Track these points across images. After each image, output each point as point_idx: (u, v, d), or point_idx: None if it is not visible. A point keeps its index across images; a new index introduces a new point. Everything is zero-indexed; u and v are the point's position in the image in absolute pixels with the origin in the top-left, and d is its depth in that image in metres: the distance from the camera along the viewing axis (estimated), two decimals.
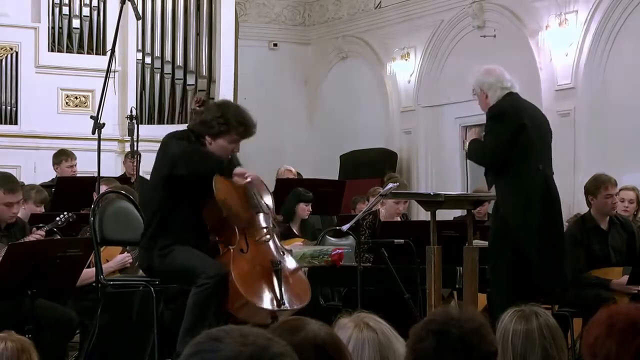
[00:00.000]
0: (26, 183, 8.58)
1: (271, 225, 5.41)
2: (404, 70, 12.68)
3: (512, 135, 5.75)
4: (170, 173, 5.19)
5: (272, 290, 5.17)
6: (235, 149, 5.38)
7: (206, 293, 5.05)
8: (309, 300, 5.31)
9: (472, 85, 6.05)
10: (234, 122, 5.25)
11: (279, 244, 5.41)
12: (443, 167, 12.31)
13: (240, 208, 5.32)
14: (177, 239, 5.25)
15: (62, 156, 8.98)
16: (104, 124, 6.42)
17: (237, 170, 5.26)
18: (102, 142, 6.48)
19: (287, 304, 5.14)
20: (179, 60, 12.42)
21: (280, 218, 7.90)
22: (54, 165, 9.01)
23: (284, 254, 5.39)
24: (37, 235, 5.96)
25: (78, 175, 8.93)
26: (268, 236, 5.33)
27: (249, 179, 5.25)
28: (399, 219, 7.65)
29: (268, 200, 5.48)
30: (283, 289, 5.17)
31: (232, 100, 12.44)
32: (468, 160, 6.32)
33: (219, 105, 5.53)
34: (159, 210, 5.30)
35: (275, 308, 5.12)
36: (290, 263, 5.39)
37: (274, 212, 5.65)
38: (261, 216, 5.38)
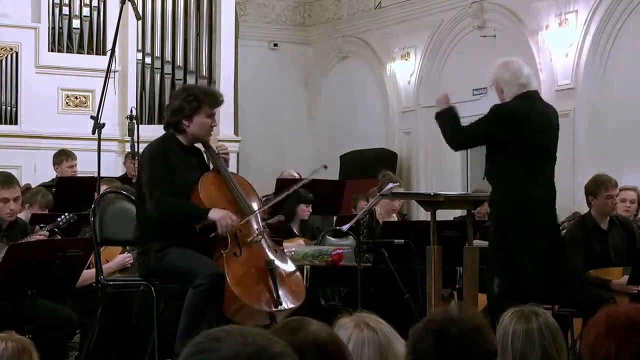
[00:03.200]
0: (26, 183, 8.59)
1: (261, 226, 5.42)
2: (404, 70, 12.68)
3: (504, 141, 5.63)
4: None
5: (268, 290, 5.18)
6: (213, 123, 5.42)
7: (203, 293, 5.05)
8: (304, 298, 5.32)
9: (490, 77, 5.92)
10: (201, 94, 5.37)
11: (270, 244, 5.42)
12: (443, 167, 12.31)
13: (230, 211, 5.33)
14: (173, 240, 5.25)
15: (62, 156, 8.98)
16: (104, 124, 6.42)
17: (211, 214, 5.21)
18: (102, 142, 6.48)
19: (283, 304, 5.15)
20: (179, 61, 12.42)
21: (281, 218, 7.91)
22: (54, 165, 9.00)
23: (277, 252, 5.40)
24: (40, 235, 5.95)
25: (78, 175, 8.93)
26: (260, 237, 5.34)
27: (222, 227, 5.21)
28: (395, 216, 7.64)
29: (255, 203, 5.50)
30: (279, 288, 5.18)
31: (232, 99, 12.52)
32: (468, 160, 6.29)
33: (182, 89, 5.79)
34: (151, 214, 5.31)
35: (272, 309, 5.13)
36: (284, 262, 5.40)
37: (271, 213, 5.66)
38: (251, 218, 5.39)
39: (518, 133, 5.60)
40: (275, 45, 14.16)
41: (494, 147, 5.71)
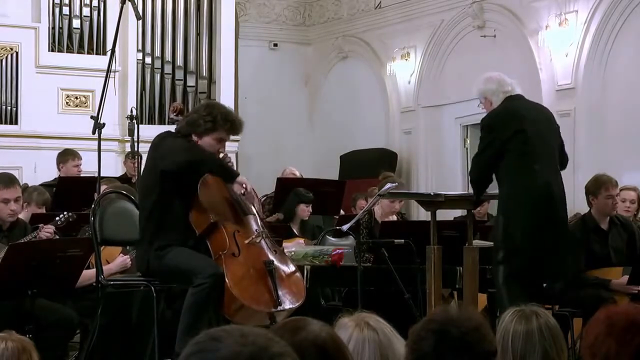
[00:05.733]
0: (24, 183, 8.58)
1: (260, 227, 5.42)
2: (404, 70, 12.68)
3: (503, 144, 5.72)
4: (165, 167, 5.21)
5: (268, 291, 5.17)
6: (222, 148, 5.39)
7: (204, 293, 5.05)
8: (304, 298, 5.32)
9: (477, 95, 6.06)
10: (220, 119, 5.29)
11: (270, 245, 5.41)
12: (443, 167, 12.31)
13: (229, 212, 5.34)
14: (174, 240, 5.25)
15: (68, 155, 8.98)
16: (104, 124, 6.42)
17: (240, 178, 5.29)
18: (102, 142, 6.48)
19: (283, 304, 5.15)
20: (179, 61, 12.42)
21: (280, 216, 7.91)
22: (58, 164, 9.00)
23: (276, 253, 5.40)
24: (47, 232, 5.95)
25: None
26: (259, 238, 5.34)
27: (247, 189, 5.29)
28: (394, 217, 7.64)
29: (255, 206, 5.50)
30: (278, 288, 5.17)
31: (233, 99, 12.52)
32: (468, 160, 6.35)
33: (206, 104, 5.65)
34: (153, 213, 5.31)
35: (272, 309, 5.12)
36: (283, 262, 5.40)
37: (271, 211, 5.67)
38: (250, 218, 5.39)
39: (511, 127, 5.71)
40: (275, 45, 14.16)
41: (499, 156, 5.77)
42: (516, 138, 5.70)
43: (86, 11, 11.78)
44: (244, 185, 5.27)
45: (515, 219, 5.72)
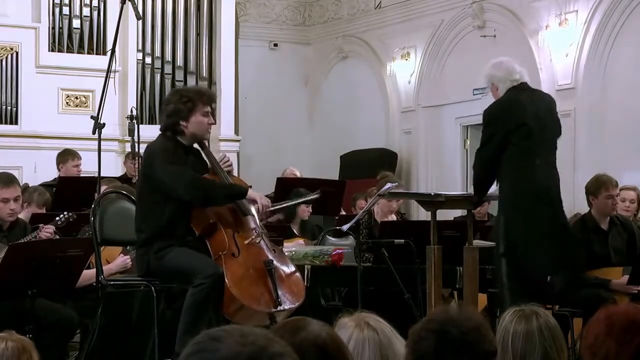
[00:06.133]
0: (25, 183, 8.58)
1: (260, 227, 5.43)
2: (404, 70, 12.68)
3: (504, 137, 5.69)
4: (177, 196, 5.25)
5: (268, 291, 5.18)
6: (210, 121, 5.42)
7: (203, 293, 5.05)
8: (304, 298, 5.32)
9: (484, 79, 6.01)
10: (194, 94, 5.40)
11: (269, 245, 5.42)
12: (443, 167, 12.31)
13: (228, 212, 5.35)
14: (174, 240, 5.25)
15: (67, 155, 8.99)
16: (104, 124, 6.43)
17: (250, 194, 5.34)
18: (102, 142, 6.48)
19: (283, 304, 5.15)
20: (179, 60, 12.42)
21: (280, 217, 7.91)
22: (58, 164, 9.00)
23: (275, 253, 5.41)
24: (47, 232, 5.95)
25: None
26: (258, 238, 5.34)
27: (260, 207, 5.34)
28: (393, 216, 7.64)
29: (253, 209, 5.50)
30: (278, 288, 5.18)
31: (233, 99, 12.52)
32: (468, 160, 6.32)
33: (173, 92, 5.75)
34: (152, 213, 5.31)
35: (272, 309, 5.13)
36: (283, 262, 5.40)
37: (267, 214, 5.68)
38: (249, 218, 5.40)
39: (512, 120, 5.69)
40: (275, 45, 14.16)
41: (501, 149, 5.74)
42: (518, 131, 5.67)
43: (86, 11, 11.78)
44: (256, 204, 5.34)
45: (516, 215, 5.71)
